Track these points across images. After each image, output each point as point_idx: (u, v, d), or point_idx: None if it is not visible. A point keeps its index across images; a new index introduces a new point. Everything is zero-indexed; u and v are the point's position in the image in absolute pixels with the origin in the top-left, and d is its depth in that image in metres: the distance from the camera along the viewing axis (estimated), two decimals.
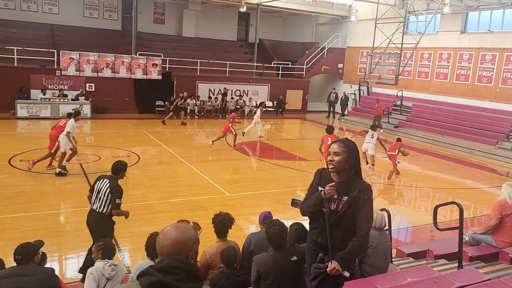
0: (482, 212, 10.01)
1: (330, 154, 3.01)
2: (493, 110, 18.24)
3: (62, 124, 10.72)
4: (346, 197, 3.01)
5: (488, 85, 18.72)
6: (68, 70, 19.69)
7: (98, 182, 5.73)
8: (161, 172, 11.71)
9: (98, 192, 5.62)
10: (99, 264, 4.25)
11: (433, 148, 17.37)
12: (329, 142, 11.03)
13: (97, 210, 5.62)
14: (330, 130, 11.53)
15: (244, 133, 16.53)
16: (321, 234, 3.13)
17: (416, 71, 22.04)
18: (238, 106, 23.14)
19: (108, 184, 5.58)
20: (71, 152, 10.67)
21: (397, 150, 12.08)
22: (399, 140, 12.78)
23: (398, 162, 12.27)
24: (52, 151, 10.75)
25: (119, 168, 5.72)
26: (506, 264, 5.14)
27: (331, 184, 3.08)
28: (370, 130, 12.69)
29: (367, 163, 12.45)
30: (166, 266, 1.83)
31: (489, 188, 12.23)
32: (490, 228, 5.74)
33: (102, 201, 5.56)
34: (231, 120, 14.75)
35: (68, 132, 10.28)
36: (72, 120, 10.57)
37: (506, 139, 16.72)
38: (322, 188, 3.10)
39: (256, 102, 23.87)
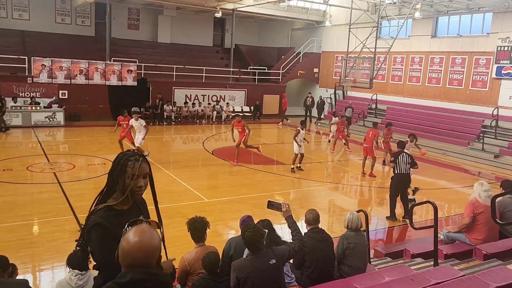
0: (456, 211, 10.25)
1: (139, 178, 2.45)
2: (464, 112, 18.78)
3: None
4: (142, 216, 2.58)
5: (459, 87, 19.26)
6: (40, 77, 19.23)
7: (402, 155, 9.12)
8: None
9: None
10: (67, 276, 4.19)
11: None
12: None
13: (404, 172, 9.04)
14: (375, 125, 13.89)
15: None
16: None
17: (390, 74, 22.49)
18: (215, 111, 23.09)
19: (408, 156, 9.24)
20: None
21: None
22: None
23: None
24: None
25: None
26: (480, 261, 5.27)
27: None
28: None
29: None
30: (131, 281, 1.70)
31: (461, 188, 12.55)
32: (464, 226, 5.88)
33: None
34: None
35: None
36: None
37: (477, 140, 17.21)
38: None
39: (233, 107, 23.87)
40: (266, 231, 3.89)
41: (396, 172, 9.11)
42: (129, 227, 1.87)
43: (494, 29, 17.80)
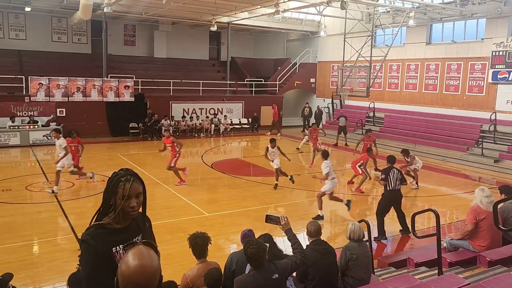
0: (458, 218, 10.19)
1: (131, 198, 2.39)
2: (461, 118, 18.81)
3: None
4: (141, 235, 2.55)
5: (456, 93, 19.33)
6: (38, 96, 19.26)
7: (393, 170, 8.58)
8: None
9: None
10: None
11: None
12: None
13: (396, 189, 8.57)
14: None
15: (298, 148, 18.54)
16: None
17: (386, 82, 22.58)
18: (214, 124, 23.12)
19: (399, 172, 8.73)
20: None
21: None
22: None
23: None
24: None
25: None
26: (484, 268, 5.22)
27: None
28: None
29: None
30: None
31: (463, 194, 12.50)
32: (466, 233, 5.84)
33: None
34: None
35: None
36: None
37: (476, 145, 17.21)
38: None
39: (231, 119, 23.94)
40: (268, 245, 3.85)
41: (387, 189, 8.55)
42: (124, 251, 1.81)
43: (488, 34, 17.92)
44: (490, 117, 17.30)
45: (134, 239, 2.49)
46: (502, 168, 15.52)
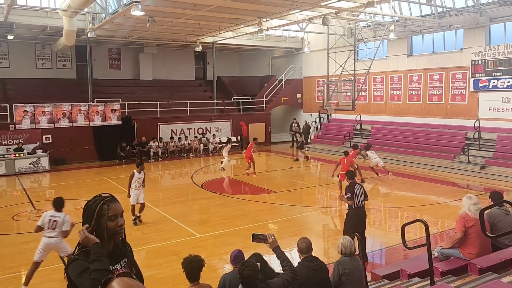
0: (449, 226, 10.24)
1: (118, 217, 2.49)
2: (446, 126, 19.07)
3: None
4: (126, 259, 2.58)
5: (439, 102, 19.65)
6: (23, 123, 19.09)
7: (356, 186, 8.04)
8: (128, 219, 11.31)
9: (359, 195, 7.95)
10: None
11: (395, 168, 17.74)
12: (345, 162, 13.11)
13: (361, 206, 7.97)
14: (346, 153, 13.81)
15: (222, 168, 18.04)
16: None
17: (371, 95, 22.88)
18: (202, 144, 23.09)
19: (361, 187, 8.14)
20: None
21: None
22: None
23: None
24: None
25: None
26: (475, 275, 5.24)
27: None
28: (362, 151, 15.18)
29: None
30: None
31: (452, 202, 12.60)
32: (456, 241, 5.88)
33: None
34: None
35: None
36: None
37: (462, 153, 17.43)
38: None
39: (219, 138, 23.98)
40: (258, 264, 3.84)
41: (353, 207, 7.91)
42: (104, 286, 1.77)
43: (466, 44, 18.34)
44: (474, 124, 17.58)
45: (121, 262, 2.49)
46: (489, 174, 15.72)
